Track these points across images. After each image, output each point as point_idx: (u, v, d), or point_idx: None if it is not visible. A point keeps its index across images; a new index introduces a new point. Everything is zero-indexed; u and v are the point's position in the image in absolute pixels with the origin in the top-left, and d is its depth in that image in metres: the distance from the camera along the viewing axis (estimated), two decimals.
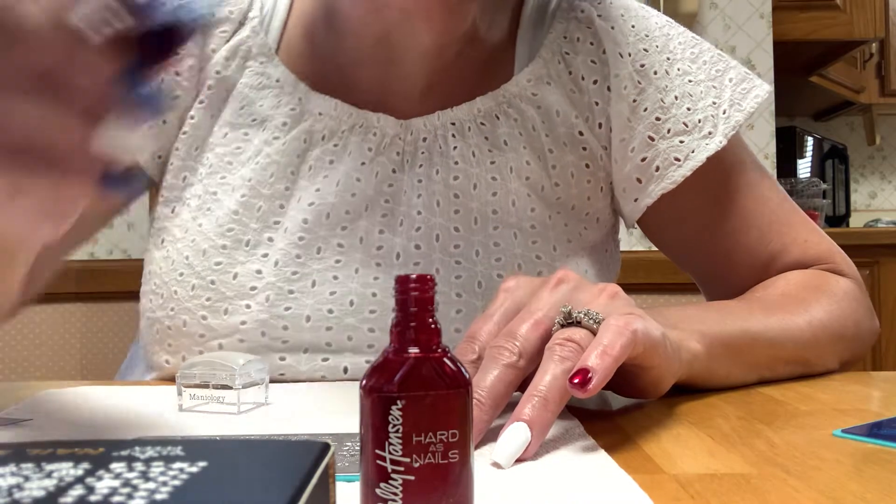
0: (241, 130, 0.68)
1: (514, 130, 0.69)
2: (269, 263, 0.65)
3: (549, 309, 0.47)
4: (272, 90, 0.68)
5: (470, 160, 0.67)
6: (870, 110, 3.18)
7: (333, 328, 0.64)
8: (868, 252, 2.35)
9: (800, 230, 0.73)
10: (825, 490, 0.34)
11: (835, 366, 0.66)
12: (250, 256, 0.65)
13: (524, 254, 0.67)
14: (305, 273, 0.65)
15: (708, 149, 0.68)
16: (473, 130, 0.68)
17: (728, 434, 0.44)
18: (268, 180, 0.66)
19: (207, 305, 0.64)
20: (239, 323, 0.63)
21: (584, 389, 0.40)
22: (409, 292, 0.30)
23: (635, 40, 0.70)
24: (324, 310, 0.64)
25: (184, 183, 0.68)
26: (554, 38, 0.71)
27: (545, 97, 0.69)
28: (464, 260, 0.66)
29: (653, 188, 0.69)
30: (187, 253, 0.66)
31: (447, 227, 0.67)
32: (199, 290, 0.64)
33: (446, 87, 0.69)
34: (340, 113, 0.67)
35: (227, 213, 0.66)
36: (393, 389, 0.28)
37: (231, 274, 0.64)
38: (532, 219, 0.68)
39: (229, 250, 0.65)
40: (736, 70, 0.72)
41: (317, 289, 0.64)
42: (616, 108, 0.69)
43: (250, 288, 0.64)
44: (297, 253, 0.65)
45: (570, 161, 0.69)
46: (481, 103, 0.68)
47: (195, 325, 0.64)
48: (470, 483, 0.29)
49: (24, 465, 0.24)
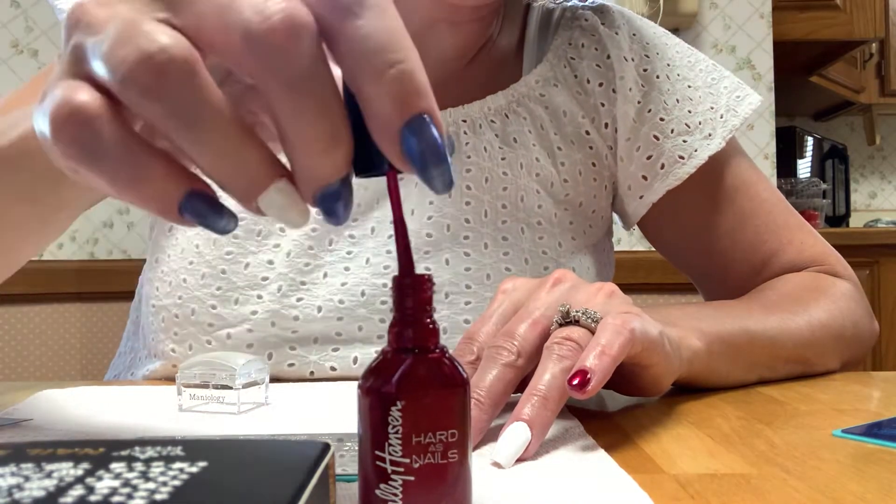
0: None
1: (524, 128, 0.70)
2: (282, 254, 0.65)
3: (546, 308, 0.47)
4: None
5: (482, 154, 0.69)
6: (870, 110, 3.18)
7: (344, 318, 0.65)
8: (868, 252, 2.35)
9: (796, 232, 0.74)
10: (825, 490, 0.34)
11: (835, 366, 0.66)
12: (262, 247, 0.66)
13: (531, 248, 0.68)
14: (317, 264, 0.66)
15: (709, 148, 0.71)
16: (485, 127, 0.70)
17: (728, 434, 0.44)
18: None
19: (217, 295, 0.64)
20: (249, 313, 0.64)
21: (583, 391, 0.40)
22: (407, 292, 0.30)
23: (638, 47, 0.73)
24: (335, 300, 0.65)
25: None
26: (559, 44, 0.73)
27: (553, 98, 0.72)
28: (473, 252, 0.67)
29: (658, 185, 0.72)
30: (197, 242, 0.66)
31: (458, 217, 0.68)
32: (210, 279, 0.65)
33: (459, 86, 0.71)
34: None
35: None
36: (391, 390, 0.28)
37: (242, 264, 0.65)
38: (539, 214, 0.70)
39: (241, 240, 0.66)
40: (730, 79, 0.76)
41: (328, 280, 0.65)
42: (622, 109, 0.72)
43: (262, 278, 0.65)
44: (309, 244, 0.66)
45: (578, 159, 0.72)
46: (492, 101, 0.70)
47: (204, 313, 0.64)
48: (469, 483, 0.29)
49: (24, 465, 0.24)
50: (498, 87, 0.71)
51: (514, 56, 0.74)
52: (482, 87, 0.71)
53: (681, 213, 0.74)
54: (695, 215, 0.74)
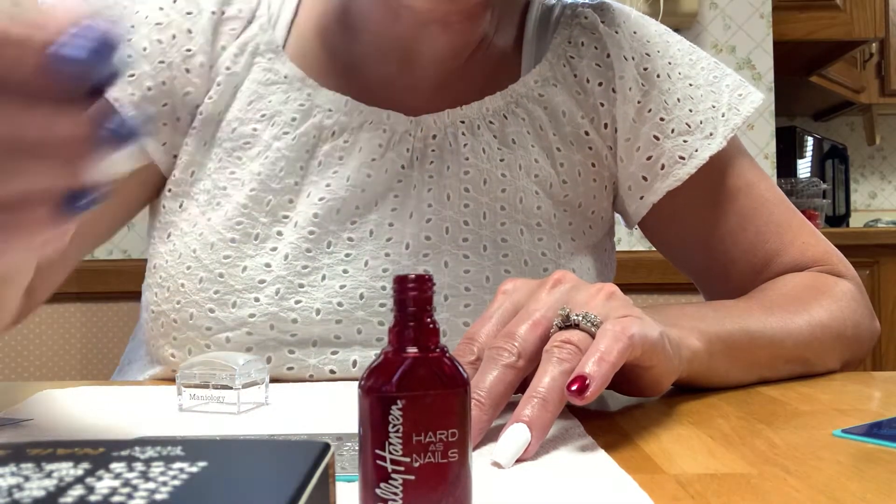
0: (249, 126, 0.68)
1: (523, 129, 0.70)
2: (279, 257, 0.65)
3: (547, 310, 0.47)
4: (280, 86, 0.69)
5: (481, 156, 0.69)
6: (870, 110, 3.18)
7: (343, 321, 0.65)
8: (868, 252, 2.35)
9: (797, 232, 0.74)
10: (825, 490, 0.34)
11: (836, 366, 0.66)
12: (259, 250, 0.65)
13: (530, 250, 0.68)
14: (316, 267, 0.65)
15: (710, 148, 0.70)
16: (483, 128, 0.69)
17: (728, 434, 0.44)
18: (277, 174, 0.67)
19: (215, 298, 0.64)
20: (247, 316, 0.64)
21: (581, 397, 0.40)
22: (408, 292, 0.30)
23: (638, 45, 0.72)
24: (333, 303, 0.65)
25: (192, 178, 0.68)
26: (559, 42, 0.73)
27: (551, 98, 0.71)
28: (472, 254, 0.67)
29: (658, 185, 0.71)
30: (195, 246, 0.66)
31: (457, 220, 0.68)
32: (207, 283, 0.64)
33: (456, 87, 0.70)
34: (350, 109, 0.68)
35: (235, 206, 0.66)
36: (392, 389, 0.28)
37: (240, 267, 0.65)
38: (538, 216, 0.69)
39: (238, 244, 0.65)
40: (732, 77, 0.75)
41: (327, 282, 0.65)
42: (621, 109, 0.71)
43: (259, 281, 0.64)
44: (307, 247, 0.65)
45: (577, 160, 0.71)
46: (490, 102, 0.70)
47: (202, 317, 0.64)
48: (469, 482, 0.29)
49: (24, 465, 0.24)
50: (496, 87, 0.71)
51: (512, 55, 0.74)
52: (480, 88, 0.71)
53: (681, 213, 0.73)
54: (696, 215, 0.74)
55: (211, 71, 0.69)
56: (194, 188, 0.68)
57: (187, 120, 0.69)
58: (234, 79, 0.69)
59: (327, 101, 0.68)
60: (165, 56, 0.67)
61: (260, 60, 0.69)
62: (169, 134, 0.68)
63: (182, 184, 0.68)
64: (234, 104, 0.68)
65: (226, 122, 0.68)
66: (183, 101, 0.68)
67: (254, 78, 0.69)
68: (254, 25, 0.70)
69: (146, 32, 0.67)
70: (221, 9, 0.69)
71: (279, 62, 0.69)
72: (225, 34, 0.69)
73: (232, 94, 0.69)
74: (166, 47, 0.67)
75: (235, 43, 0.69)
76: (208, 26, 0.68)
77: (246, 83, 0.69)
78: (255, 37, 0.69)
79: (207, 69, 0.68)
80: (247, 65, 0.69)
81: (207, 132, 0.68)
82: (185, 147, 0.68)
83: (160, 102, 0.67)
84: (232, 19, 0.69)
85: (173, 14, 0.67)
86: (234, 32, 0.69)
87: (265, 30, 0.70)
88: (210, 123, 0.68)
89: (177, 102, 0.68)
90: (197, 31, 0.67)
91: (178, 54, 0.67)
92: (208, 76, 0.68)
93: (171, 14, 0.67)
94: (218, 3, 0.69)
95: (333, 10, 0.71)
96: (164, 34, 0.67)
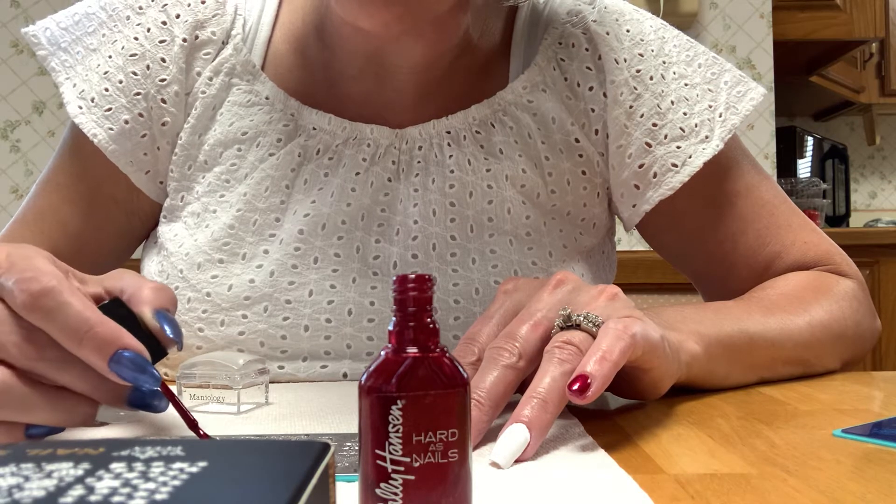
0: (234, 147, 0.68)
1: (510, 138, 0.69)
2: (264, 273, 0.65)
3: (548, 310, 0.47)
4: (262, 107, 0.68)
5: (466, 168, 0.68)
6: (870, 110, 3.17)
7: (332, 337, 0.65)
8: (868, 252, 2.35)
9: (799, 232, 0.72)
10: (825, 490, 0.34)
11: (835, 366, 0.66)
12: (246, 269, 0.65)
13: (520, 260, 0.67)
14: (302, 283, 0.65)
15: (705, 154, 0.68)
16: (469, 139, 0.68)
17: (728, 434, 0.44)
18: (263, 194, 0.67)
19: (204, 317, 0.64)
20: (237, 334, 0.64)
21: (582, 396, 0.40)
22: (408, 292, 0.30)
23: (631, 45, 0.69)
24: (321, 319, 0.64)
25: (182, 202, 0.69)
26: (549, 44, 0.71)
27: (541, 104, 0.69)
28: (461, 268, 0.66)
29: (651, 194, 0.69)
30: (181, 266, 0.66)
31: (443, 235, 0.67)
32: (195, 303, 0.65)
33: (440, 96, 0.69)
34: (334, 127, 0.68)
35: (222, 227, 0.66)
36: (392, 389, 0.28)
37: (226, 286, 0.65)
38: (527, 226, 0.68)
39: (226, 264, 0.65)
40: (731, 73, 0.72)
41: (314, 298, 0.65)
42: (613, 114, 0.69)
43: (244, 298, 0.64)
44: (293, 263, 0.65)
45: (567, 168, 0.70)
46: (476, 111, 0.69)
47: (192, 337, 0.64)
48: (469, 482, 0.29)
49: (24, 465, 0.24)
50: (483, 94, 0.69)
51: (500, 59, 0.71)
52: (466, 96, 0.69)
53: (679, 218, 0.72)
54: (694, 220, 0.72)
55: (188, 98, 0.69)
56: (184, 212, 0.68)
57: (167, 149, 0.69)
58: (212, 101, 0.68)
59: (311, 120, 0.68)
60: (141, 87, 0.67)
61: (238, 83, 0.69)
62: (151, 163, 0.69)
63: (174, 210, 0.69)
64: (215, 127, 0.68)
65: (208, 145, 0.68)
66: (161, 130, 0.68)
67: (233, 100, 0.68)
68: (228, 47, 0.69)
69: (122, 64, 0.67)
70: (195, 34, 0.68)
71: (259, 83, 0.69)
72: (199, 59, 0.69)
73: (210, 118, 0.69)
74: (141, 79, 0.67)
75: (210, 66, 0.69)
76: (181, 54, 0.68)
77: (225, 105, 0.69)
78: (229, 58, 0.69)
79: (183, 97, 0.68)
80: (223, 86, 0.69)
81: (191, 156, 0.69)
82: (170, 174, 0.69)
83: (139, 134, 0.67)
84: (206, 43, 0.69)
85: (147, 44, 0.67)
86: (208, 57, 0.69)
87: (240, 50, 0.69)
88: (192, 147, 0.69)
89: (156, 132, 0.68)
90: (170, 60, 0.67)
91: (153, 85, 0.67)
92: (185, 104, 0.69)
93: (144, 44, 0.67)
94: (190, 29, 0.68)
95: (311, 26, 0.70)
96: (138, 66, 0.67)
